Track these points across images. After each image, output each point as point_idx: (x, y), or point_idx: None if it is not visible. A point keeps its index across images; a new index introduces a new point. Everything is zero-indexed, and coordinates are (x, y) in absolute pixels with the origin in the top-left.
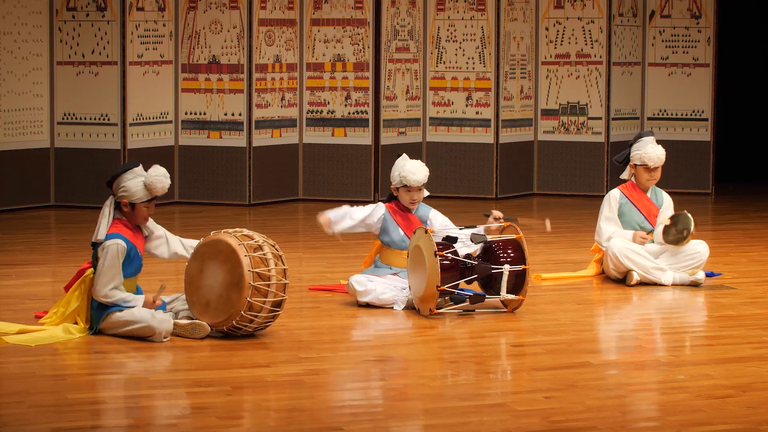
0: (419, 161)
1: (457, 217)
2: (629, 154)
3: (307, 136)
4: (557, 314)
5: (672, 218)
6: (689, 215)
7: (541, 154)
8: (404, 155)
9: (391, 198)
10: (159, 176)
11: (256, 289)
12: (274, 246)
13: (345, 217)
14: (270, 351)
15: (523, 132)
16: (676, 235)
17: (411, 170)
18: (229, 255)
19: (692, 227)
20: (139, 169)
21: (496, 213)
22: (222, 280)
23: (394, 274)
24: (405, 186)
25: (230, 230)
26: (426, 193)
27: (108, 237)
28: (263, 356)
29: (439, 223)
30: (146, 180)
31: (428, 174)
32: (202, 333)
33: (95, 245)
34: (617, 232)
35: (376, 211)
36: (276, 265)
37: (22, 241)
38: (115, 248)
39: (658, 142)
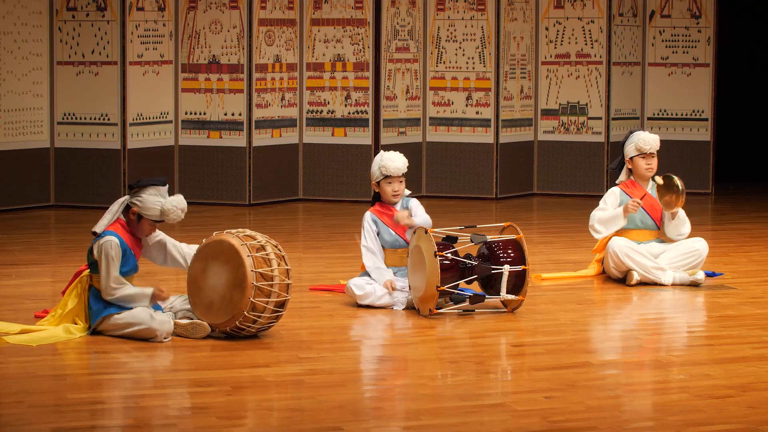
0: (397, 152)
1: (457, 217)
2: (622, 157)
3: (307, 136)
4: (557, 314)
5: (659, 188)
6: (670, 175)
7: (541, 154)
8: (381, 151)
9: (374, 201)
10: (176, 209)
11: (259, 290)
12: (276, 246)
13: (377, 267)
14: (270, 351)
15: (523, 132)
16: (671, 194)
17: (389, 158)
18: (231, 255)
19: (681, 184)
20: (164, 189)
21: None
22: (225, 281)
23: (393, 273)
24: (386, 177)
25: (233, 231)
26: (407, 191)
27: (103, 234)
28: (263, 356)
29: (419, 211)
30: (164, 205)
31: (407, 163)
32: (202, 333)
33: (95, 235)
34: (606, 212)
35: (368, 222)
36: (279, 265)
37: (22, 241)
38: (108, 245)
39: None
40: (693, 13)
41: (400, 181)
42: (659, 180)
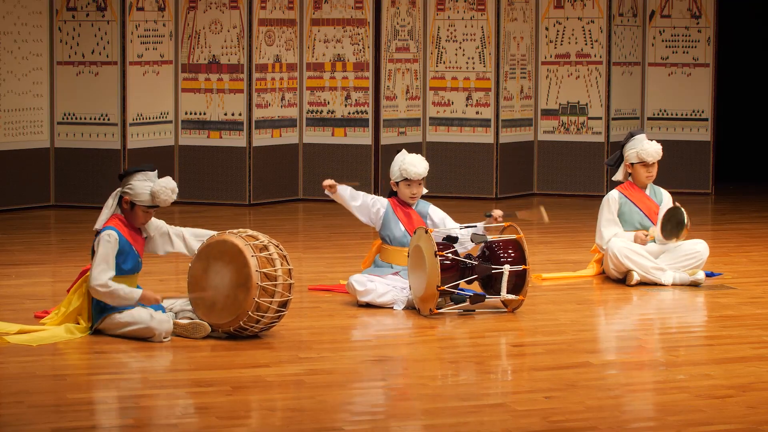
0: (419, 155)
1: (456, 217)
2: (621, 154)
3: (307, 136)
4: (557, 314)
5: (666, 213)
6: (681, 208)
7: (541, 154)
8: (403, 150)
9: (391, 194)
10: (166, 188)
11: (263, 289)
12: (278, 246)
13: (348, 189)
14: (270, 351)
15: (523, 132)
16: (672, 229)
17: (411, 163)
18: (235, 255)
19: (686, 219)
20: (153, 174)
21: (497, 212)
22: (228, 281)
23: (396, 273)
24: (405, 180)
25: (234, 231)
26: (424, 190)
27: (103, 229)
28: (263, 356)
29: (439, 218)
30: (153, 188)
31: (428, 167)
32: (202, 333)
33: (97, 233)
34: (619, 234)
35: (381, 201)
36: (282, 265)
37: (22, 241)
38: (105, 238)
39: (658, 142)
40: (693, 13)
41: (419, 184)
42: (660, 237)
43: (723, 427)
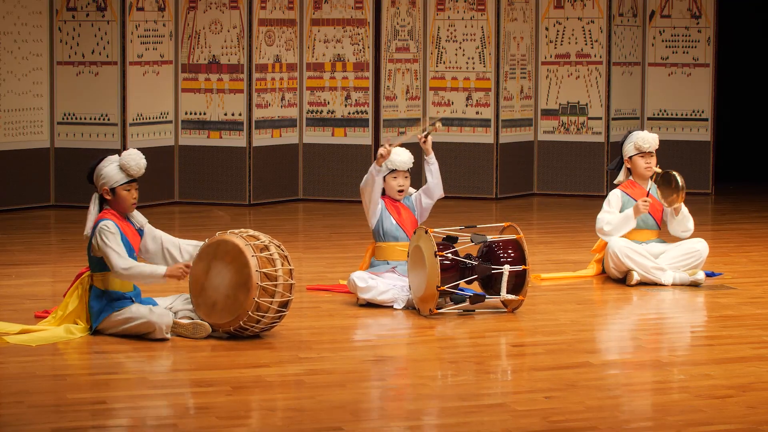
0: (403, 147)
1: (456, 217)
2: (621, 157)
3: (307, 136)
4: (557, 314)
5: (660, 179)
6: (672, 172)
7: (541, 154)
8: None
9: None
10: (132, 155)
11: (263, 290)
12: (279, 246)
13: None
14: (270, 351)
15: (523, 132)
16: (670, 193)
17: (396, 152)
18: (236, 255)
19: (680, 180)
20: (114, 156)
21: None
22: (229, 281)
23: (393, 268)
24: (392, 172)
25: (236, 231)
26: (412, 189)
27: (97, 223)
28: (263, 356)
29: (422, 190)
30: (120, 161)
31: (413, 159)
32: (203, 333)
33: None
34: (614, 215)
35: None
36: (282, 265)
37: (22, 241)
38: (104, 229)
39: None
40: (693, 13)
41: (405, 177)
42: (658, 170)
43: (723, 427)
